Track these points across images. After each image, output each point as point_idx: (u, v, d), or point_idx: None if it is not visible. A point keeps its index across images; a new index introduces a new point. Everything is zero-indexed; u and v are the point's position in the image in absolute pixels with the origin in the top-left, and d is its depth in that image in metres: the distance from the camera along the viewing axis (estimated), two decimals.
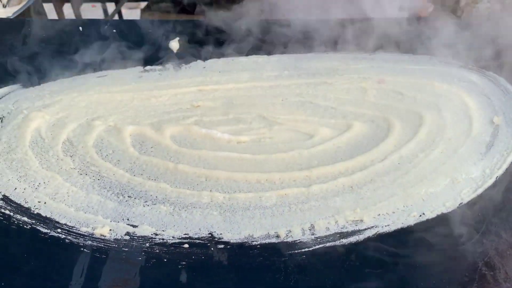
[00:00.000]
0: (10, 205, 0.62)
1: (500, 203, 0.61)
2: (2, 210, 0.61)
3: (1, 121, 0.76)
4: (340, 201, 0.62)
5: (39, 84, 0.83)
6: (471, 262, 0.54)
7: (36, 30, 0.98)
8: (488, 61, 0.82)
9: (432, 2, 1.22)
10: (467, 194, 0.62)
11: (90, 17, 3.24)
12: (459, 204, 0.61)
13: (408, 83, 0.80)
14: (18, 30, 0.99)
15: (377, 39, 0.88)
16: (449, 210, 0.60)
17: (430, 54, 0.87)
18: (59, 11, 2.40)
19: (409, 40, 0.87)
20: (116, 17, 3.10)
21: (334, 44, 0.88)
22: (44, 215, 0.61)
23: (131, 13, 3.90)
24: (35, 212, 0.61)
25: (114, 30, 0.94)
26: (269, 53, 0.89)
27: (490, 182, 0.63)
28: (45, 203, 0.62)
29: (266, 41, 0.89)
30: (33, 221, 0.60)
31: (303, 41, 0.90)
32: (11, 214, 0.61)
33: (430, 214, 0.60)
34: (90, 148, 0.71)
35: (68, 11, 2.65)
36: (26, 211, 0.62)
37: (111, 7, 3.34)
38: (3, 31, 0.98)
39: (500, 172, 0.65)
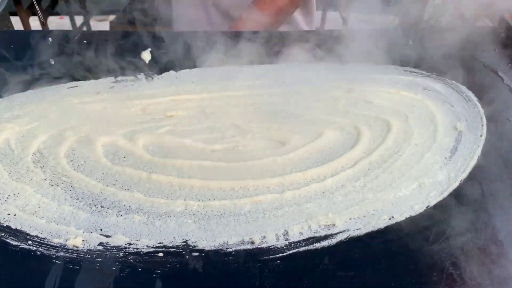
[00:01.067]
0: None
1: (465, 205, 0.63)
2: None
3: None
4: (312, 206, 0.63)
5: (7, 95, 0.81)
6: (439, 262, 0.56)
7: (4, 41, 0.96)
8: (450, 70, 0.86)
9: (395, 14, 1.27)
10: (434, 197, 0.64)
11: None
12: (426, 207, 0.63)
13: (376, 92, 0.83)
14: None
15: (346, 50, 0.90)
16: (417, 212, 0.62)
17: (396, 64, 0.90)
18: (26, 24, 2.36)
19: (376, 51, 0.90)
20: (85, 29, 3.07)
21: (304, 55, 0.90)
22: (14, 227, 0.60)
23: (99, 25, 3.87)
24: (5, 225, 0.60)
25: (85, 41, 0.94)
26: (241, 63, 0.90)
27: (455, 185, 0.66)
28: (15, 215, 0.61)
29: (238, 52, 0.90)
30: (2, 234, 0.59)
31: (274, 52, 0.92)
32: None
33: (399, 217, 0.62)
34: (62, 159, 0.70)
35: (34, 23, 2.61)
36: None
37: (79, 19, 3.30)
38: None
39: (464, 175, 0.68)
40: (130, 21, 2.65)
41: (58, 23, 3.70)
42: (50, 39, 0.93)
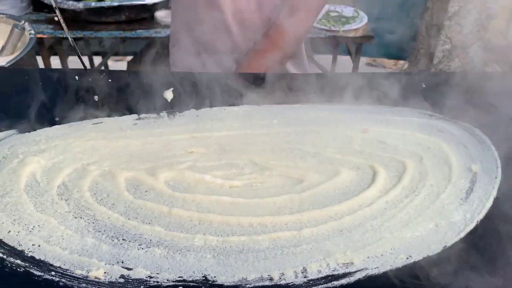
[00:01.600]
0: (4, 248, 0.62)
1: (482, 246, 0.64)
2: None
3: None
4: (330, 244, 0.64)
5: (34, 130, 0.85)
6: None
7: (32, 79, 1.01)
8: (464, 114, 0.88)
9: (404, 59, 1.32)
10: (451, 237, 0.65)
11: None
12: (443, 247, 0.63)
13: (390, 133, 0.85)
14: (14, 78, 1.02)
15: (360, 92, 0.93)
16: (435, 252, 0.63)
17: (410, 106, 0.92)
18: (47, 62, 2.46)
19: (390, 94, 0.93)
20: (102, 68, 3.18)
21: (320, 96, 0.94)
22: (38, 258, 0.61)
23: (117, 65, 4.00)
24: (29, 255, 0.62)
25: (110, 80, 0.98)
26: (258, 103, 0.93)
27: (471, 226, 0.67)
28: (39, 246, 0.63)
29: (256, 92, 0.94)
30: (27, 264, 0.60)
31: (290, 93, 0.95)
32: (4, 257, 0.61)
33: (416, 257, 0.62)
34: (85, 192, 0.72)
35: (54, 61, 2.72)
36: (19, 254, 0.62)
37: (97, 59, 3.43)
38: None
39: (480, 216, 0.68)
40: (147, 62, 2.75)
41: (76, 62, 3.83)
42: (76, 77, 0.98)
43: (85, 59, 3.40)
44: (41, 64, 2.19)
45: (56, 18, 2.32)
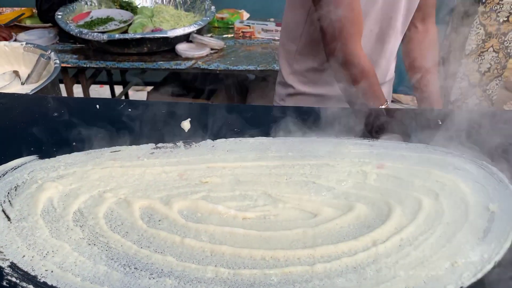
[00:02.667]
0: (17, 273, 0.63)
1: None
2: (9, 278, 0.62)
3: (16, 189, 0.78)
4: (343, 280, 0.63)
5: (54, 156, 0.87)
6: None
7: (54, 107, 1.04)
8: (481, 152, 0.87)
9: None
10: (467, 278, 0.63)
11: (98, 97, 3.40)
12: None
13: (406, 169, 0.84)
14: (37, 105, 1.06)
15: (375, 127, 0.94)
16: None
17: (425, 143, 0.92)
18: (70, 91, 2.54)
19: (406, 129, 0.93)
20: (123, 97, 3.25)
21: (334, 130, 0.94)
22: (50, 284, 0.61)
23: (137, 95, 4.09)
24: (41, 281, 0.62)
25: (130, 109, 1.00)
26: (273, 135, 0.94)
27: (489, 267, 0.65)
28: (52, 271, 0.63)
29: (270, 124, 0.95)
30: None
31: (305, 125, 0.96)
32: (17, 281, 0.61)
33: None
34: (100, 219, 0.73)
35: (77, 90, 2.80)
36: (32, 279, 0.62)
37: (118, 88, 3.52)
38: (23, 106, 1.04)
39: (498, 257, 0.66)
40: (167, 93, 2.81)
41: (97, 91, 3.94)
42: (98, 106, 1.00)
43: (107, 88, 3.49)
44: (64, 92, 2.26)
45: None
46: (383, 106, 1.10)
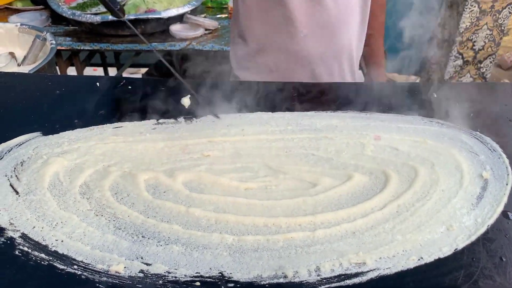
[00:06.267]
0: (29, 243, 0.65)
1: (492, 250, 0.65)
2: (21, 247, 0.64)
3: (22, 164, 0.80)
4: (343, 245, 0.66)
5: (58, 133, 0.88)
6: None
7: (54, 85, 1.05)
8: (475, 123, 0.90)
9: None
10: (462, 240, 0.66)
11: None
12: (454, 250, 0.65)
13: (402, 140, 0.87)
14: (37, 84, 1.06)
15: (372, 101, 0.96)
16: (446, 255, 0.64)
17: (421, 115, 0.94)
18: (64, 73, 2.53)
19: (402, 103, 0.95)
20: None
21: (333, 105, 0.96)
22: (61, 252, 0.64)
23: (132, 77, 4.07)
24: (52, 249, 0.64)
25: (130, 87, 1.01)
26: (273, 110, 0.96)
27: (482, 230, 0.68)
28: (62, 241, 0.65)
29: (269, 100, 0.96)
30: (50, 258, 0.63)
31: (303, 100, 0.98)
32: (29, 251, 0.64)
33: (428, 258, 0.63)
34: (106, 191, 0.75)
35: (71, 73, 2.79)
36: (44, 248, 0.64)
37: (112, 71, 3.49)
38: (23, 85, 1.05)
39: (491, 221, 0.69)
40: (161, 75, 2.81)
41: (91, 74, 3.92)
42: (98, 83, 1.01)
43: (101, 71, 3.47)
44: None
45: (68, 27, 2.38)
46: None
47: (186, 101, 0.96)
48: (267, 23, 1.18)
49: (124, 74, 3.51)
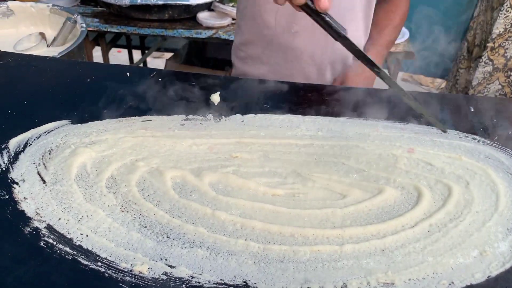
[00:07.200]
0: (54, 235, 0.65)
1: None
2: (46, 239, 0.64)
3: (50, 152, 0.79)
4: (372, 262, 0.64)
5: (86, 122, 0.88)
6: None
7: (85, 72, 1.04)
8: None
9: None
10: (495, 267, 0.64)
11: (116, 62, 3.39)
12: (487, 277, 0.62)
13: (437, 155, 0.84)
14: (68, 70, 1.06)
15: (407, 110, 0.93)
16: (478, 281, 0.62)
17: (456, 129, 0.91)
18: (89, 54, 2.53)
19: (438, 115, 0.92)
20: (141, 65, 3.24)
21: (365, 111, 0.93)
22: (85, 248, 0.63)
23: (155, 62, 4.07)
24: (77, 244, 0.64)
25: (160, 79, 1.00)
26: (303, 113, 0.94)
27: None
28: (87, 235, 0.65)
29: (299, 102, 0.94)
30: (75, 252, 0.62)
31: (336, 105, 0.95)
32: (54, 243, 0.63)
33: (459, 284, 0.61)
34: (133, 187, 0.74)
35: (96, 54, 2.80)
36: (68, 242, 0.64)
37: (136, 53, 3.49)
38: (54, 70, 1.05)
39: None
40: (185, 61, 2.79)
41: (116, 56, 3.93)
42: (128, 74, 1.00)
43: (125, 53, 3.48)
44: (84, 57, 2.26)
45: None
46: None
47: (215, 97, 0.95)
48: (259, 15, 1.18)
49: (148, 59, 3.51)
